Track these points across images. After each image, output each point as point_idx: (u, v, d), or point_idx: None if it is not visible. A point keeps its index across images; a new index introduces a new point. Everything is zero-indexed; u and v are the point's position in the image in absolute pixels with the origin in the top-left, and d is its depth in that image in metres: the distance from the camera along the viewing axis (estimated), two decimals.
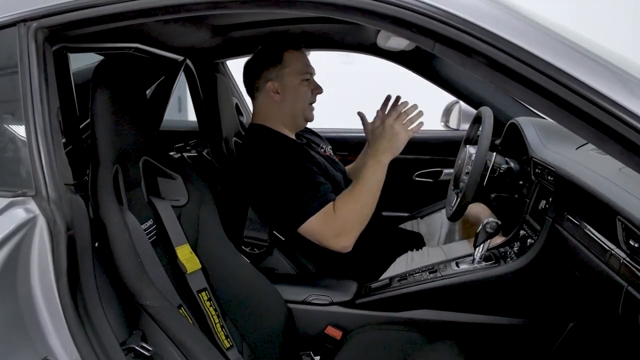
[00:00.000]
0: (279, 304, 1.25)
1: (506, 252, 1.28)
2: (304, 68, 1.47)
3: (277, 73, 1.45)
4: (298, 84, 1.46)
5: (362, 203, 1.28)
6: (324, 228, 1.28)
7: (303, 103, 1.48)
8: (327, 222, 1.27)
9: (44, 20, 0.82)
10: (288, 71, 1.45)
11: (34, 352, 0.76)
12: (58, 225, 0.78)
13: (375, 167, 1.28)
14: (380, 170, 1.28)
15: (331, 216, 1.28)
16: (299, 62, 1.47)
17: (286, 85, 1.46)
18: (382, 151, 1.27)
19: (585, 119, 0.63)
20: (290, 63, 1.45)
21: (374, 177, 1.28)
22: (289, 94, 1.46)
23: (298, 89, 1.46)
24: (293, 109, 1.48)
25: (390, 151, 1.27)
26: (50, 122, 0.81)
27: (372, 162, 1.28)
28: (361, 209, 1.28)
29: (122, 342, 0.85)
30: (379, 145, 1.28)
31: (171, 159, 1.23)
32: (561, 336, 1.19)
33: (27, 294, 0.78)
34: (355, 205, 1.28)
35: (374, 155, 1.28)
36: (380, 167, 1.28)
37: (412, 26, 0.69)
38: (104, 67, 1.02)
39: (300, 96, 1.47)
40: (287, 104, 1.47)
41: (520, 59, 0.64)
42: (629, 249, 0.79)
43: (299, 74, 1.46)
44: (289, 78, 1.45)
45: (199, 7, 0.79)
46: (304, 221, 1.28)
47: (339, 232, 1.27)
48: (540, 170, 1.21)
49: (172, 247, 1.10)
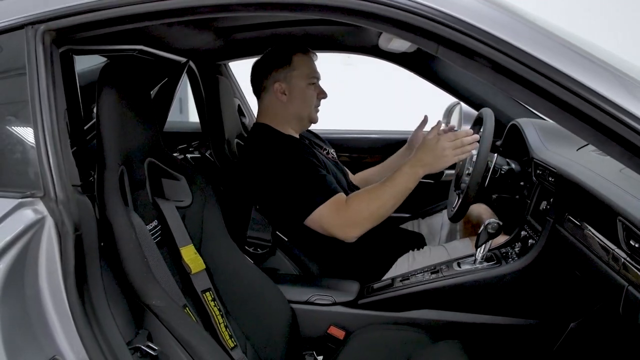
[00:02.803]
0: (282, 304, 1.26)
1: (507, 252, 1.29)
2: (312, 72, 1.50)
3: (286, 75, 1.47)
4: (305, 86, 1.48)
5: (381, 203, 1.26)
6: (333, 217, 1.27)
7: (309, 105, 1.50)
8: (336, 212, 1.27)
9: (51, 22, 0.82)
10: (296, 74, 1.47)
11: (42, 352, 0.77)
12: (66, 226, 0.79)
13: (410, 175, 1.25)
14: (413, 180, 1.26)
15: (341, 206, 1.27)
16: (307, 66, 1.49)
17: (294, 87, 1.48)
18: (424, 164, 1.25)
19: (586, 121, 0.64)
20: (299, 66, 1.48)
21: (404, 184, 1.26)
22: (296, 96, 1.48)
23: (305, 92, 1.49)
24: (299, 111, 1.50)
25: (431, 167, 1.25)
26: (58, 124, 0.81)
27: (408, 169, 1.26)
28: (377, 209, 1.26)
29: (129, 342, 0.85)
30: (424, 157, 1.25)
31: (175, 160, 1.24)
32: (562, 336, 1.20)
33: (35, 294, 0.78)
34: (372, 203, 1.26)
35: (414, 164, 1.26)
36: (414, 177, 1.26)
37: (416, 29, 0.70)
38: (109, 69, 1.03)
39: (307, 99, 1.49)
40: (293, 105, 1.49)
41: (523, 62, 0.65)
42: (630, 249, 0.80)
43: (306, 77, 1.48)
44: (297, 80, 1.47)
45: (205, 10, 0.80)
46: (312, 211, 1.28)
47: (348, 223, 1.27)
48: (542, 171, 1.21)
49: (177, 248, 1.11)
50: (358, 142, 2.18)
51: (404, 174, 1.26)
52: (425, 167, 1.25)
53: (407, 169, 1.26)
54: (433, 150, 1.24)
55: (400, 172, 1.27)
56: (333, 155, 1.68)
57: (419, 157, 1.26)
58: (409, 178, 1.26)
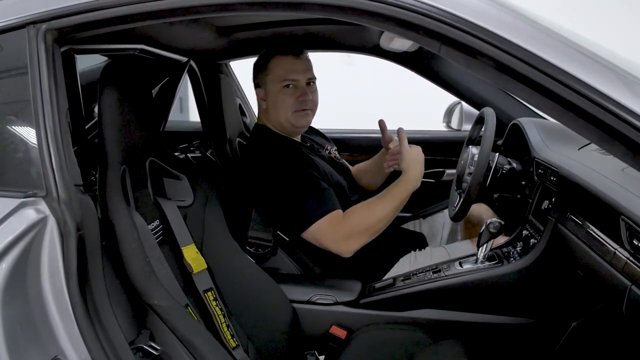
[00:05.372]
0: (284, 304, 1.26)
1: (509, 252, 1.29)
2: (285, 74, 1.40)
3: (263, 80, 1.44)
4: (278, 90, 1.41)
5: (377, 219, 1.28)
6: (329, 233, 1.27)
7: (284, 110, 1.42)
8: (332, 228, 1.27)
9: (53, 22, 0.82)
10: (270, 78, 1.42)
11: (44, 352, 0.77)
12: (68, 225, 0.79)
13: (405, 192, 1.29)
14: (407, 195, 1.29)
15: (338, 222, 1.28)
16: (280, 67, 1.41)
17: (269, 92, 1.43)
18: (415, 179, 1.30)
19: (590, 120, 0.64)
20: (273, 69, 1.42)
21: (402, 196, 1.29)
22: (271, 101, 1.43)
23: (277, 97, 1.42)
24: (276, 116, 1.44)
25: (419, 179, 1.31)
26: (60, 123, 0.81)
27: (404, 183, 1.29)
28: (375, 224, 1.28)
29: (131, 342, 0.85)
30: (416, 173, 1.30)
31: (177, 160, 1.24)
32: (564, 335, 1.20)
33: (37, 294, 0.78)
34: (368, 218, 1.28)
35: (410, 181, 1.29)
36: (410, 191, 1.29)
37: (419, 28, 0.69)
38: (111, 68, 1.03)
39: (279, 104, 1.42)
40: (272, 111, 1.45)
41: (526, 61, 0.65)
42: (633, 249, 0.80)
43: (279, 80, 1.40)
44: (271, 85, 1.42)
45: (207, 9, 0.80)
46: (309, 226, 1.28)
47: (344, 238, 1.27)
48: (543, 170, 1.21)
49: (179, 247, 1.11)
50: (358, 142, 2.18)
51: (401, 187, 1.29)
52: (418, 181, 1.31)
53: (403, 185, 1.29)
54: (417, 159, 1.31)
55: (398, 186, 1.30)
56: (335, 155, 1.67)
57: (412, 174, 1.30)
58: (406, 192, 1.29)
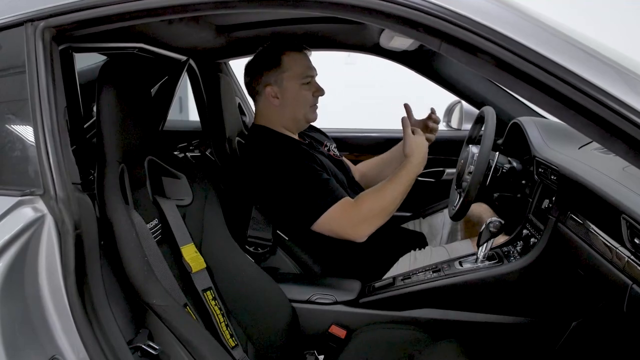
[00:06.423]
0: (283, 303, 1.25)
1: (509, 251, 1.29)
2: (305, 71, 1.41)
3: (276, 77, 1.41)
4: (298, 87, 1.41)
5: (390, 200, 1.28)
6: (343, 218, 1.26)
7: (304, 107, 1.44)
8: (345, 213, 1.26)
9: (51, 19, 0.82)
10: (287, 75, 1.40)
11: (42, 351, 0.77)
12: (66, 224, 0.78)
13: (412, 173, 1.30)
14: (414, 176, 1.31)
15: (350, 207, 1.27)
16: (298, 65, 1.41)
17: (286, 90, 1.41)
18: (418, 164, 1.31)
19: (591, 118, 0.64)
20: (290, 66, 1.40)
21: (408, 177, 1.30)
22: (289, 99, 1.42)
23: (298, 94, 1.41)
24: (294, 113, 1.44)
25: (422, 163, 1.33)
26: (58, 122, 0.81)
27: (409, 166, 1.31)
28: (388, 205, 1.28)
29: (129, 341, 0.85)
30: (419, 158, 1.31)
31: (176, 159, 1.23)
32: (565, 335, 1.19)
33: (35, 293, 0.78)
34: (382, 200, 1.28)
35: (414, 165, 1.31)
36: (414, 175, 1.31)
37: (419, 26, 0.69)
38: (110, 67, 1.02)
39: (301, 101, 1.42)
40: (287, 108, 1.43)
41: (527, 58, 0.64)
42: (634, 247, 0.79)
43: (299, 77, 1.40)
44: (289, 82, 1.40)
45: (206, 6, 0.79)
46: (319, 216, 1.27)
47: (360, 221, 1.27)
48: (543, 169, 1.21)
49: (178, 247, 1.10)
50: (359, 141, 2.18)
51: (407, 170, 1.29)
52: (420, 165, 1.31)
53: (408, 169, 1.30)
54: (420, 145, 1.32)
55: (405, 168, 1.30)
56: (334, 152, 1.66)
57: (415, 159, 1.31)
58: (410, 171, 1.30)
